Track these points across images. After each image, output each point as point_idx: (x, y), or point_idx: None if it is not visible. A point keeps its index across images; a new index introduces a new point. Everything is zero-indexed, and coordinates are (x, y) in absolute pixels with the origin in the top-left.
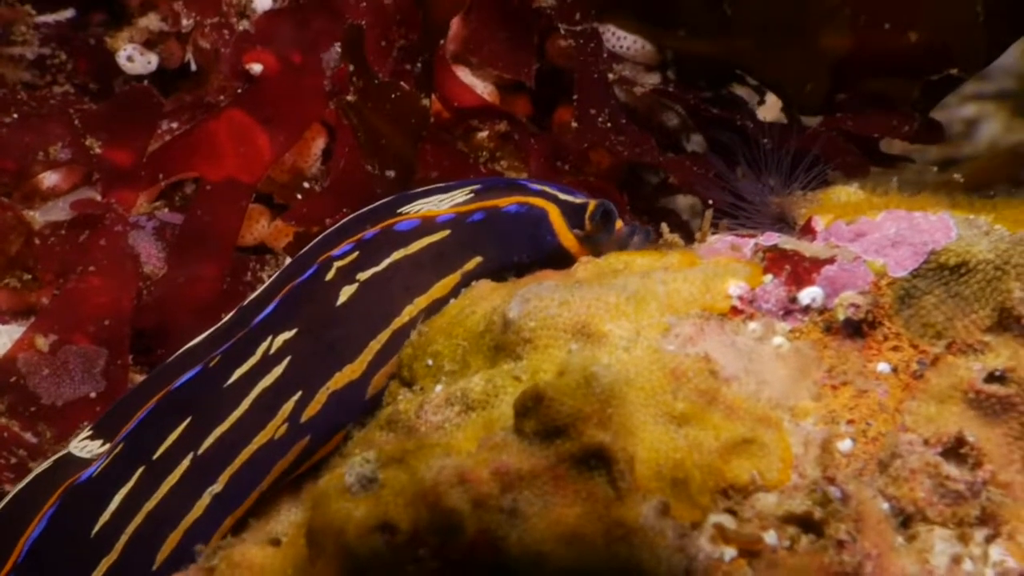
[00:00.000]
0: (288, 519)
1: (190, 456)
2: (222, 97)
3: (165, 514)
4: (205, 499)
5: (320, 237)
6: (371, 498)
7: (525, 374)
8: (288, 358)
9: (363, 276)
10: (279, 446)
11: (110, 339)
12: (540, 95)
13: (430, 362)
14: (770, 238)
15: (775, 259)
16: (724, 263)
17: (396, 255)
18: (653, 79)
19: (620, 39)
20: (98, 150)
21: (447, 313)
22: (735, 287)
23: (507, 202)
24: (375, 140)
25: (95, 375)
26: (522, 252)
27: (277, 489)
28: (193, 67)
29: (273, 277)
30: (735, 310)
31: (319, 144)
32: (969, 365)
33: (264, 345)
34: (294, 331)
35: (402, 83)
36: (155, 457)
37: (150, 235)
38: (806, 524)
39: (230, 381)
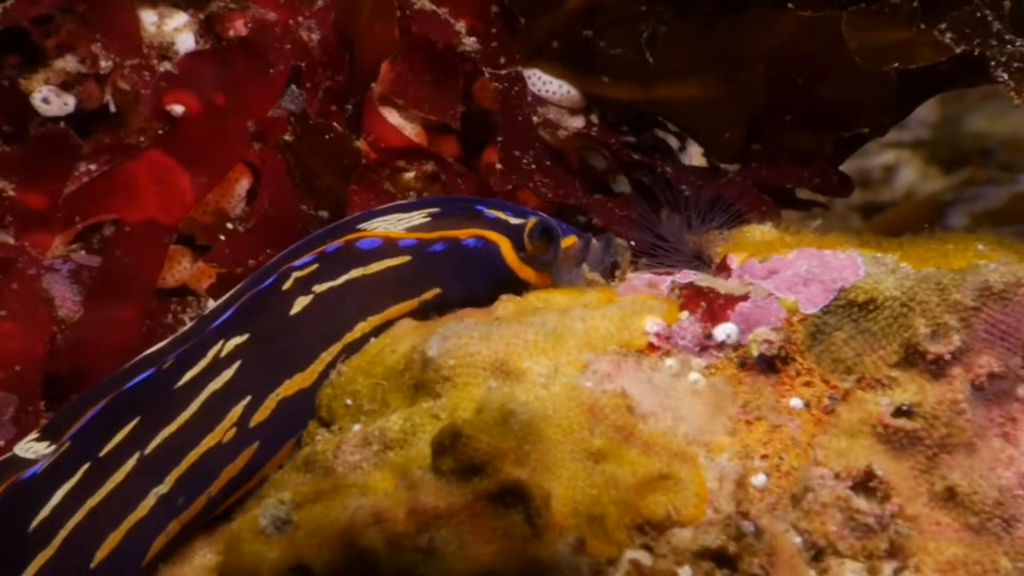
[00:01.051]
0: (201, 563)
1: (136, 455)
2: (142, 138)
3: (108, 512)
4: (150, 500)
5: (287, 250)
6: (285, 540)
7: (444, 412)
8: (238, 362)
9: (319, 289)
10: (228, 450)
11: (21, 385)
12: (469, 136)
13: (349, 402)
14: (686, 276)
15: (691, 296)
16: (641, 300)
17: (355, 273)
18: (578, 123)
19: (545, 83)
20: (12, 192)
21: (367, 352)
22: (652, 324)
23: (466, 235)
24: (310, 180)
25: (4, 422)
26: (479, 284)
27: (227, 499)
28: (112, 108)
29: (237, 287)
30: (652, 346)
31: (243, 185)
32: (877, 400)
33: (215, 349)
34: (246, 336)
35: (334, 124)
36: (101, 455)
37: (65, 278)
38: (720, 559)
39: (180, 383)
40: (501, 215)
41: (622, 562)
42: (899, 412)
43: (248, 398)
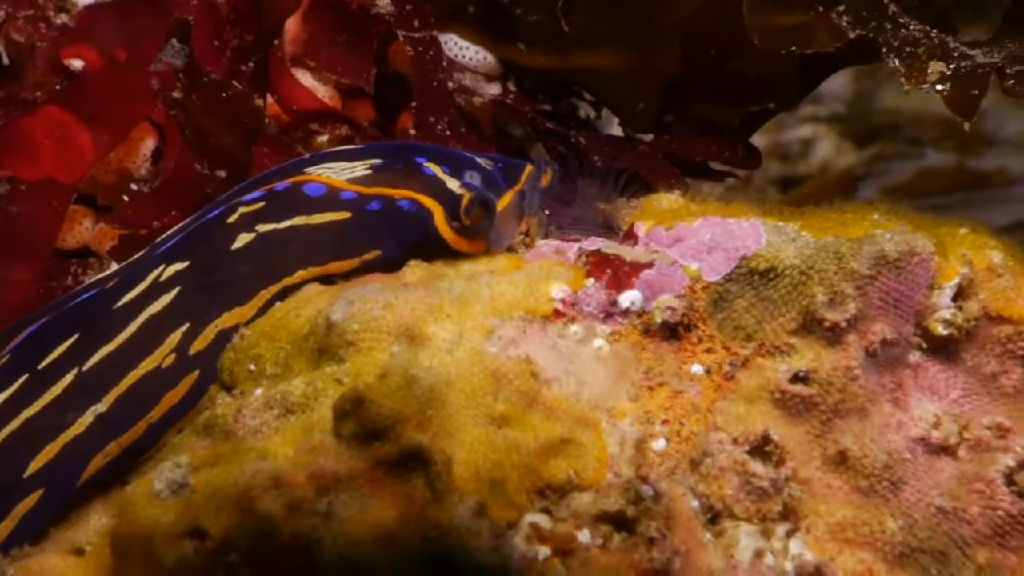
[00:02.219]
0: (94, 527)
1: (75, 371)
2: (39, 93)
3: (45, 424)
4: (88, 417)
5: (250, 179)
6: (181, 503)
7: (347, 377)
8: (177, 288)
9: (263, 228)
10: (167, 376)
11: None
12: (386, 101)
13: (252, 366)
14: (593, 243)
15: (597, 263)
16: (548, 267)
17: (298, 220)
18: (494, 89)
19: (462, 48)
20: None
21: (272, 316)
22: (558, 290)
23: (401, 195)
24: (204, 139)
25: None
26: (416, 247)
27: (172, 430)
28: (6, 61)
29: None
30: (557, 313)
31: (148, 145)
32: (776, 366)
33: (156, 272)
34: (186, 263)
35: (234, 82)
36: (40, 367)
37: None
38: (619, 522)
39: (119, 303)
40: (439, 172)
41: (522, 525)
42: (796, 378)
43: (187, 326)
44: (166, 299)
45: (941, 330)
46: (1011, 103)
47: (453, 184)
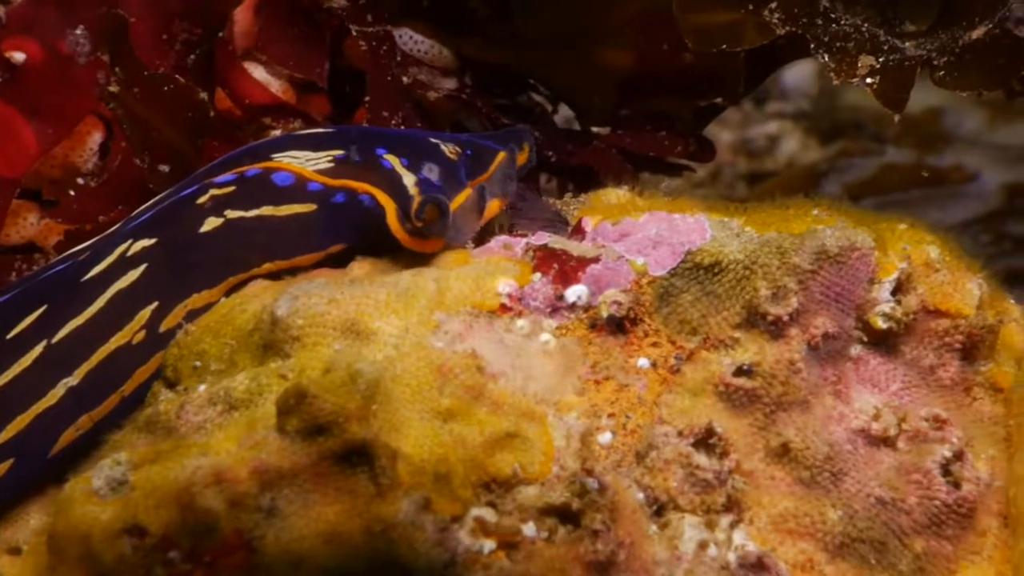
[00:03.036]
0: (32, 526)
1: (44, 342)
2: None
3: (14, 395)
4: (60, 390)
5: (221, 158)
6: (119, 501)
7: (292, 372)
8: (144, 265)
9: (231, 215)
10: (138, 351)
11: None
12: (342, 95)
13: (196, 362)
14: (541, 237)
15: (544, 258)
16: (495, 262)
17: (266, 210)
18: (450, 84)
19: (417, 43)
20: None
21: (217, 311)
22: (505, 285)
23: (363, 189)
24: (144, 133)
25: None
26: (378, 242)
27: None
28: None
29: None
30: (504, 308)
31: (95, 139)
32: (720, 360)
33: (123, 247)
34: (154, 240)
35: (176, 76)
36: (8, 337)
37: None
38: (564, 515)
39: (87, 276)
40: (396, 165)
41: (467, 520)
42: (740, 371)
43: (156, 303)
44: (133, 275)
45: (881, 324)
46: (969, 101)
47: (408, 180)
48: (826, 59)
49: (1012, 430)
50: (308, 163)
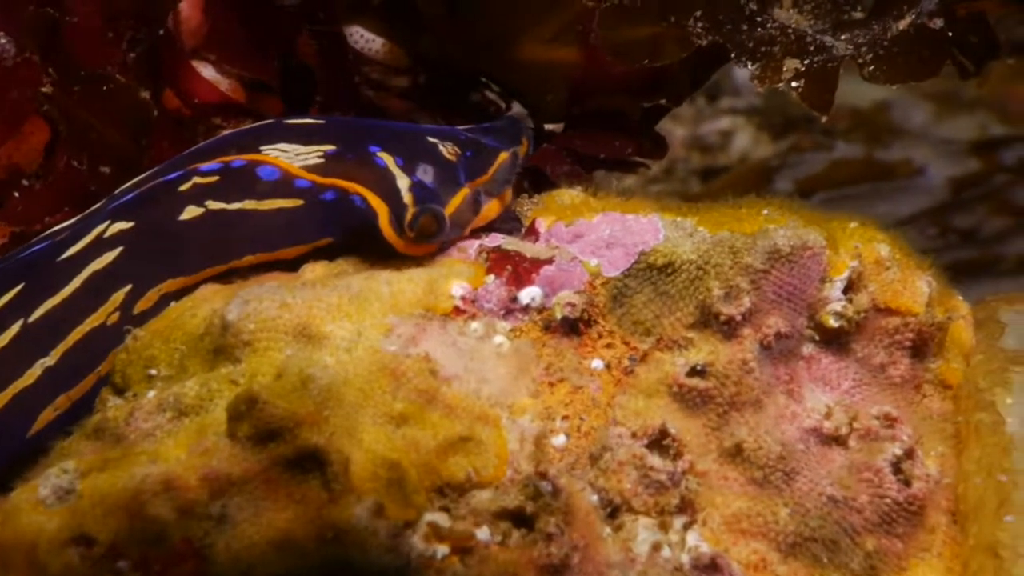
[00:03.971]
0: None
1: (20, 322)
2: None
3: None
4: (36, 370)
5: (208, 142)
6: (67, 510)
7: (243, 377)
8: (120, 248)
9: (213, 206)
10: (113, 333)
11: None
12: (294, 94)
13: (146, 368)
14: (494, 239)
15: (498, 260)
16: (449, 264)
17: (248, 204)
18: (403, 82)
19: (368, 41)
20: None
21: (167, 316)
22: (458, 287)
23: (354, 190)
24: (82, 134)
25: None
26: (368, 241)
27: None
28: None
29: (152, 170)
30: (458, 310)
31: (40, 139)
32: (674, 360)
33: (100, 228)
34: (131, 224)
35: (116, 75)
36: None
37: None
38: (518, 519)
39: (64, 256)
40: (391, 164)
41: (420, 525)
42: (693, 372)
43: (130, 286)
44: (109, 256)
45: (832, 322)
46: (916, 94)
47: (403, 183)
48: (750, 67)
49: (961, 426)
50: (297, 158)
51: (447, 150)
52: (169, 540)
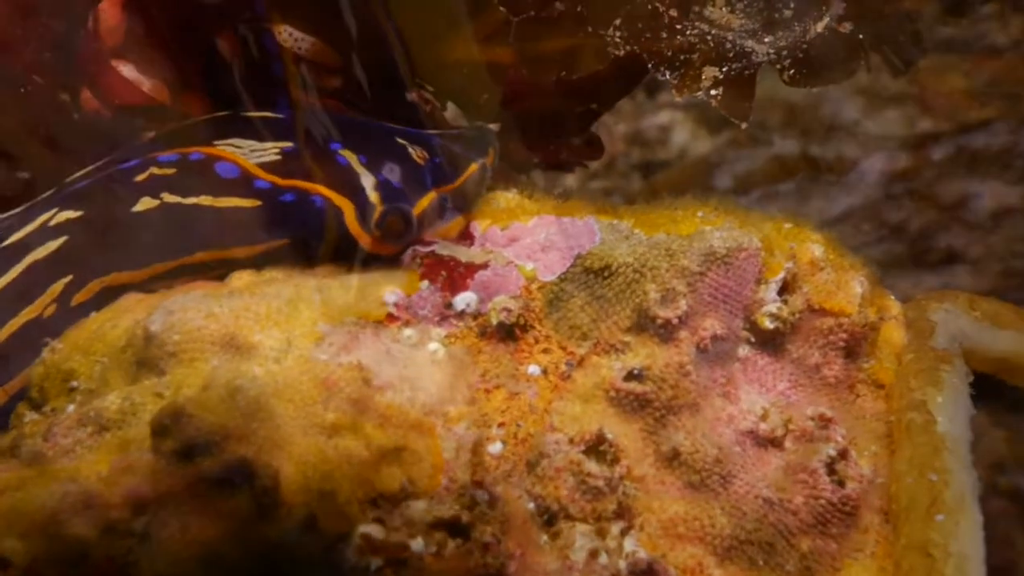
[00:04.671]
0: None
1: None
2: None
3: None
4: None
5: (165, 131)
6: None
7: (168, 390)
8: (65, 237)
9: (168, 199)
10: (49, 326)
11: None
12: (221, 93)
13: (65, 382)
14: (428, 244)
15: (432, 265)
16: (382, 270)
17: (204, 199)
18: (335, 82)
19: (298, 40)
20: None
21: (86, 328)
22: (391, 294)
23: (315, 190)
24: None
25: None
26: (331, 241)
27: None
28: None
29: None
30: (391, 317)
31: None
32: (611, 364)
33: (47, 216)
34: (79, 213)
35: (33, 76)
36: None
37: None
38: (454, 528)
39: (5, 243)
40: (354, 162)
41: (354, 537)
42: (630, 376)
43: (70, 277)
44: (52, 245)
45: (768, 324)
46: (845, 90)
47: (367, 181)
48: (667, 76)
49: (893, 426)
50: (252, 154)
51: (416, 153)
52: (91, 560)
